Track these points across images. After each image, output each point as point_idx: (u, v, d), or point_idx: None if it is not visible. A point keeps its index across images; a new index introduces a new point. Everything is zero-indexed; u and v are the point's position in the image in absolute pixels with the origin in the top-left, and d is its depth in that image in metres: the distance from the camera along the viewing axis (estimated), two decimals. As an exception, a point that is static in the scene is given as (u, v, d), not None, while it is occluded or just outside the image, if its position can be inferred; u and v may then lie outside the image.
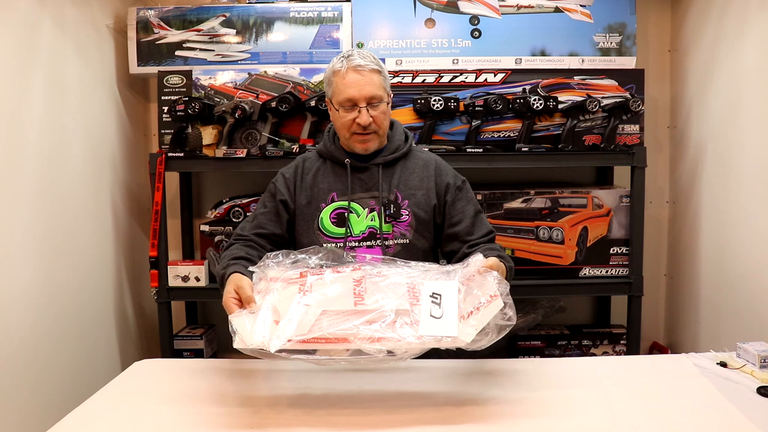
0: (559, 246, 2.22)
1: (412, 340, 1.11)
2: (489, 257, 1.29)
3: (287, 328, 1.13)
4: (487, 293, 1.17)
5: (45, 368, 1.83)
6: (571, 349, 2.38)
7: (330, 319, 1.14)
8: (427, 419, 1.18)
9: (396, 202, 1.58)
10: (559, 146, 2.18)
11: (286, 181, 1.63)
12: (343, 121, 1.55)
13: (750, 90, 1.97)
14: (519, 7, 2.33)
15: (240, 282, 1.26)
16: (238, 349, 1.14)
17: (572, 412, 1.20)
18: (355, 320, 1.14)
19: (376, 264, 1.30)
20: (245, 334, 1.13)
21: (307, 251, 1.33)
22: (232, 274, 1.32)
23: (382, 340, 1.10)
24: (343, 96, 1.53)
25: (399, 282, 1.23)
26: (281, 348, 1.10)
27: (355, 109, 1.53)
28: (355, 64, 1.53)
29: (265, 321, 1.16)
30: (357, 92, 1.52)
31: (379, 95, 1.54)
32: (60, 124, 1.96)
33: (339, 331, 1.12)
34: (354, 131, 1.55)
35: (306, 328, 1.13)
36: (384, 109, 1.56)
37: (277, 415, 1.21)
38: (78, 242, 2.05)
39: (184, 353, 2.34)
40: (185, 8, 2.35)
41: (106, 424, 1.19)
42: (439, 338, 1.11)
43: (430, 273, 1.25)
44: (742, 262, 2.00)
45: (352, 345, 1.10)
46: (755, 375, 1.36)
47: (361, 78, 1.52)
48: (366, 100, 1.52)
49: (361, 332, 1.11)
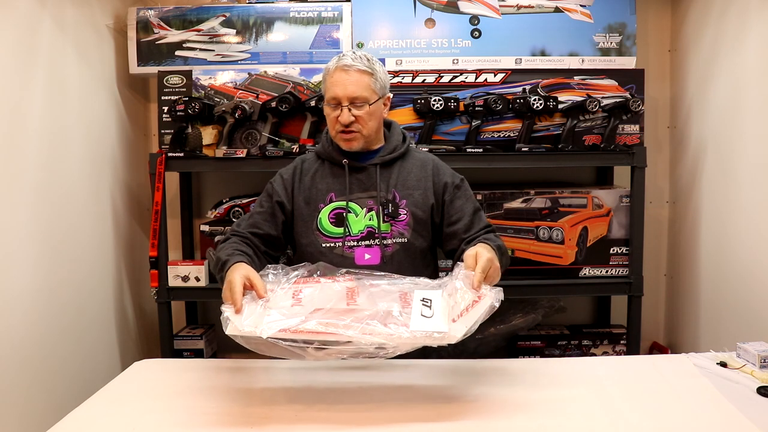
0: (559, 246, 2.22)
1: (404, 334, 1.13)
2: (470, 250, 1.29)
3: (280, 319, 1.15)
4: (474, 294, 1.20)
5: (45, 368, 1.83)
6: (571, 349, 2.38)
7: (322, 315, 1.17)
8: (426, 417, 1.18)
9: (394, 201, 1.58)
10: (559, 146, 2.18)
11: (284, 182, 1.63)
12: (329, 118, 1.58)
13: (750, 90, 1.97)
14: (519, 7, 2.33)
15: (251, 273, 1.28)
16: (230, 336, 1.15)
17: (572, 412, 1.21)
18: (347, 315, 1.16)
19: (367, 277, 1.32)
20: (237, 321, 1.15)
21: (302, 266, 1.34)
22: (239, 263, 1.34)
23: (374, 333, 1.13)
24: (329, 94, 1.56)
25: (391, 290, 1.26)
26: (273, 335, 1.11)
27: (339, 108, 1.54)
28: (343, 63, 1.54)
29: (257, 311, 1.18)
30: (341, 91, 1.53)
31: (363, 96, 1.53)
32: (60, 124, 1.96)
33: (331, 322, 1.14)
34: (338, 129, 1.56)
35: (298, 320, 1.15)
36: (369, 110, 1.55)
37: (276, 413, 1.21)
38: (78, 242, 2.05)
39: (184, 353, 2.34)
40: (185, 8, 2.35)
41: (106, 424, 1.19)
42: (429, 333, 1.14)
43: (419, 285, 1.28)
44: (742, 262, 2.00)
45: (344, 336, 1.12)
46: (755, 375, 1.36)
47: (347, 77, 1.53)
48: (349, 99, 1.53)
49: (353, 325, 1.14)
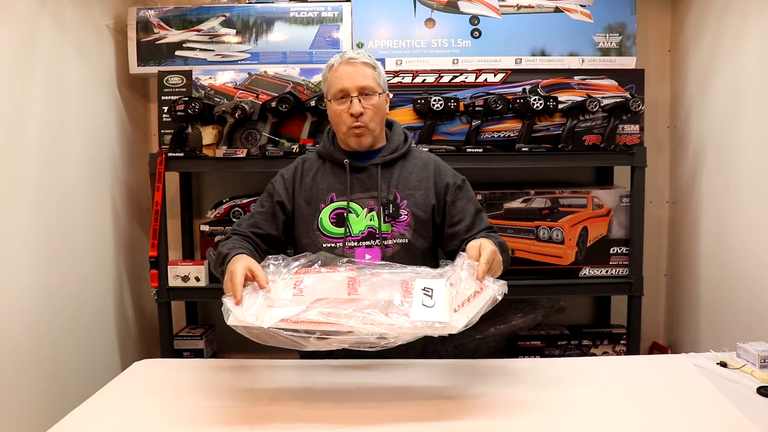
0: (559, 246, 2.22)
1: (405, 324, 1.13)
2: (474, 241, 1.31)
3: (281, 309, 1.15)
4: (477, 284, 1.20)
5: (45, 368, 1.83)
6: (571, 349, 2.38)
7: (324, 305, 1.17)
8: (426, 416, 1.18)
9: (395, 202, 1.58)
10: (559, 146, 2.18)
11: (285, 182, 1.63)
12: (337, 113, 1.57)
13: (750, 90, 1.97)
14: (519, 7, 2.33)
15: (252, 264, 1.28)
16: (232, 327, 1.15)
17: (572, 412, 1.20)
18: (348, 306, 1.16)
19: (369, 266, 1.32)
20: (238, 312, 1.15)
21: (303, 256, 1.34)
22: (240, 254, 1.34)
23: (375, 323, 1.13)
24: (336, 87, 1.56)
25: (392, 279, 1.25)
26: (274, 326, 1.11)
27: (347, 100, 1.55)
28: (348, 57, 1.57)
29: (258, 302, 1.18)
30: (349, 82, 1.54)
31: (371, 86, 1.56)
32: (60, 124, 1.96)
33: (332, 312, 1.14)
34: (349, 125, 1.56)
35: (299, 309, 1.15)
36: (376, 102, 1.57)
37: (277, 412, 1.21)
38: (78, 242, 2.05)
39: (184, 353, 2.34)
40: (185, 8, 2.35)
41: (106, 424, 1.19)
42: (431, 323, 1.13)
43: (421, 275, 1.28)
44: (742, 262, 2.00)
45: (345, 326, 1.12)
46: (755, 375, 1.35)
47: (353, 69, 1.55)
48: (358, 90, 1.54)
49: (354, 315, 1.14)
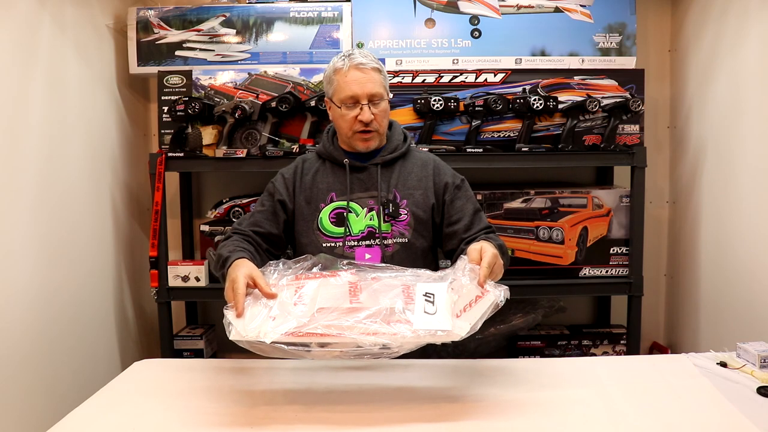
0: (559, 246, 2.22)
1: (407, 334, 1.12)
2: (475, 245, 1.30)
3: (283, 322, 1.14)
4: (479, 289, 1.19)
5: (45, 368, 1.83)
6: (571, 349, 2.38)
7: (326, 315, 1.16)
8: (426, 417, 1.18)
9: (395, 201, 1.58)
10: (559, 146, 2.18)
11: (285, 181, 1.63)
12: (345, 118, 1.56)
13: (750, 90, 1.96)
14: (519, 7, 2.33)
15: (254, 271, 1.26)
16: (234, 342, 1.15)
17: (572, 412, 1.20)
18: (350, 316, 1.15)
19: (369, 269, 1.31)
20: (240, 327, 1.15)
21: (303, 259, 1.33)
22: (241, 259, 1.33)
23: (377, 334, 1.12)
24: (346, 93, 1.54)
25: (393, 284, 1.25)
26: (277, 340, 1.11)
27: (357, 107, 1.54)
28: (357, 62, 1.54)
29: (261, 315, 1.17)
30: (359, 89, 1.53)
31: (380, 93, 1.55)
32: (60, 124, 1.96)
33: (335, 324, 1.13)
34: (356, 129, 1.56)
35: (302, 322, 1.14)
36: (385, 107, 1.58)
37: (276, 413, 1.21)
38: (78, 242, 2.05)
39: (184, 353, 2.34)
40: (185, 8, 2.35)
41: (106, 424, 1.19)
42: (433, 332, 1.13)
43: (422, 278, 1.27)
44: (742, 262, 2.00)
45: (348, 338, 1.12)
46: (755, 375, 1.35)
47: (364, 75, 1.54)
48: (368, 97, 1.54)
49: (356, 326, 1.13)
